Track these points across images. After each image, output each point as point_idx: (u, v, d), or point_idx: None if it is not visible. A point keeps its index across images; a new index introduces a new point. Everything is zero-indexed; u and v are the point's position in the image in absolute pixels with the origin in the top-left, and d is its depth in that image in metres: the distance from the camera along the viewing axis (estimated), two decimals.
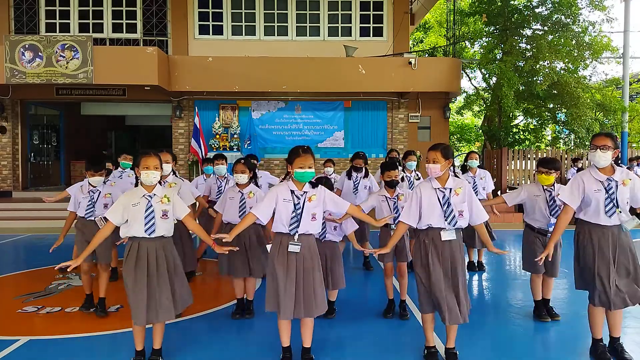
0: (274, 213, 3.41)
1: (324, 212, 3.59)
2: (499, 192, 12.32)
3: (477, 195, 6.19)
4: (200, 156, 11.84)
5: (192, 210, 4.62)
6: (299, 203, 3.33)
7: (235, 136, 12.53)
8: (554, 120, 14.68)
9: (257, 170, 6.80)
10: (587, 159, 12.52)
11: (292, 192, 3.36)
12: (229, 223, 4.49)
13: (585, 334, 4.13)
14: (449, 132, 14.54)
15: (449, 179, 3.43)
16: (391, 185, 4.55)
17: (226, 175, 6.26)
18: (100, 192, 4.64)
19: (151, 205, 3.36)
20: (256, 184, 4.76)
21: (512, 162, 12.44)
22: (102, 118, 15.39)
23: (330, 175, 6.57)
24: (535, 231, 4.43)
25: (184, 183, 5.48)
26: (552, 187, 4.38)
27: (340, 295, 5.59)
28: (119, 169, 6.42)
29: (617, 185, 3.39)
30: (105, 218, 4.22)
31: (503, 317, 4.65)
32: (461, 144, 23.36)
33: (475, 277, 6.26)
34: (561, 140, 17.25)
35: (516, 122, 16.09)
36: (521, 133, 15.38)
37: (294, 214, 3.32)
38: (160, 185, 3.54)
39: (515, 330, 4.36)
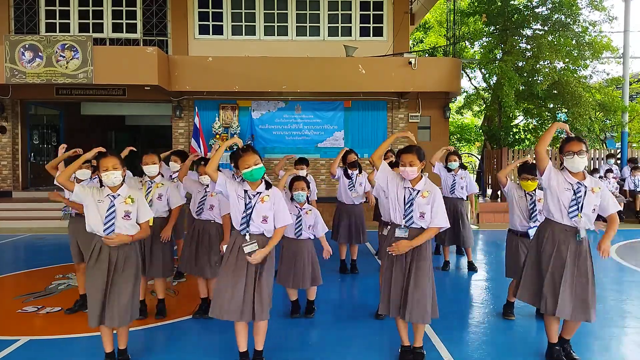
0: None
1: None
2: (498, 192, 12.32)
3: (453, 193, 6.39)
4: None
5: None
6: (249, 202, 3.31)
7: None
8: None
9: None
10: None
11: (246, 191, 3.35)
12: (194, 217, 4.58)
13: (585, 334, 4.14)
14: (449, 132, 14.53)
15: (420, 180, 3.45)
16: None
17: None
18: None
19: (113, 205, 3.34)
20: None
21: (512, 162, 12.40)
22: (102, 118, 15.38)
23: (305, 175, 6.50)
24: (519, 235, 4.44)
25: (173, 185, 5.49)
26: (534, 192, 4.42)
27: (334, 296, 5.59)
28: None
29: (585, 191, 3.39)
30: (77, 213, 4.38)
31: (502, 317, 4.65)
32: (461, 144, 23.34)
33: (475, 278, 6.26)
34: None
35: (516, 122, 16.07)
36: (521, 133, 15.36)
37: (245, 213, 3.31)
38: (125, 184, 3.48)
39: (515, 330, 4.36)
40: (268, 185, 3.42)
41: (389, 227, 4.51)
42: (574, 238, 3.39)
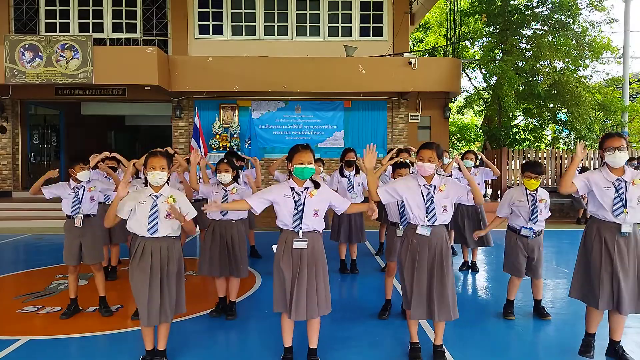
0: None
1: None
2: (498, 192, 12.32)
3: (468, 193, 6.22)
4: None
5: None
6: (299, 199, 3.31)
7: (235, 136, 12.53)
8: (554, 120, 14.68)
9: (243, 169, 6.95)
10: (587, 159, 12.51)
11: (292, 188, 3.35)
12: (212, 219, 4.55)
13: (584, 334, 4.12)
14: (449, 132, 14.53)
15: (434, 176, 3.49)
16: None
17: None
18: (84, 187, 4.60)
19: (156, 205, 3.38)
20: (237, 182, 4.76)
21: (512, 162, 12.43)
22: (102, 118, 15.38)
23: (319, 174, 6.50)
24: (518, 233, 4.46)
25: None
26: (535, 192, 4.41)
27: (334, 296, 5.58)
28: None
29: (627, 186, 3.42)
30: (84, 216, 4.50)
31: (502, 317, 4.65)
32: (461, 144, 23.34)
33: (475, 277, 6.26)
34: (561, 140, 17.24)
35: (516, 122, 16.08)
36: (521, 133, 15.37)
37: (295, 210, 3.30)
38: (168, 184, 3.53)
39: (515, 330, 4.36)
40: (317, 185, 3.42)
41: (400, 227, 4.51)
42: (619, 234, 3.41)
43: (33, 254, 7.99)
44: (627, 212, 3.38)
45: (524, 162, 4.49)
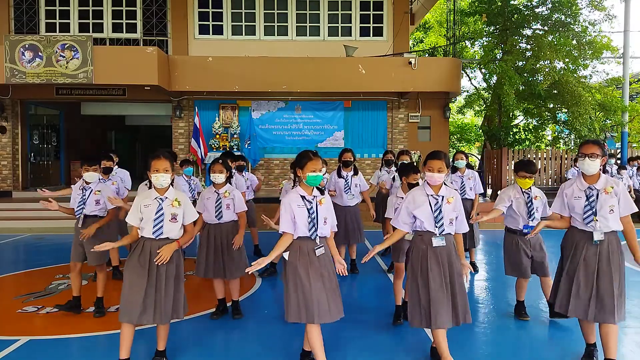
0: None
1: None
2: (498, 192, 12.32)
3: (464, 194, 6.17)
4: (200, 156, 11.84)
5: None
6: (312, 207, 3.28)
7: (235, 136, 12.53)
8: (554, 120, 14.67)
9: (245, 172, 6.99)
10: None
11: (303, 197, 3.30)
12: (207, 222, 4.53)
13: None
14: (449, 132, 14.53)
15: (442, 187, 3.47)
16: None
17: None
18: (92, 189, 4.62)
19: (162, 208, 3.38)
20: (231, 183, 4.76)
21: (512, 162, 12.42)
22: (102, 118, 15.37)
23: (324, 175, 6.47)
24: (518, 233, 4.44)
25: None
26: (530, 190, 4.43)
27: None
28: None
29: (597, 194, 3.40)
30: (86, 216, 4.55)
31: (503, 318, 4.65)
32: (461, 144, 23.32)
33: (475, 278, 6.26)
34: (561, 140, 17.24)
35: (516, 122, 16.07)
36: (521, 133, 15.37)
37: (310, 218, 3.27)
38: (172, 187, 3.52)
39: (515, 330, 4.35)
40: (322, 192, 3.42)
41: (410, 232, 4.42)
42: (590, 241, 3.42)
43: (33, 254, 7.99)
44: (597, 220, 3.38)
45: (517, 161, 4.47)
